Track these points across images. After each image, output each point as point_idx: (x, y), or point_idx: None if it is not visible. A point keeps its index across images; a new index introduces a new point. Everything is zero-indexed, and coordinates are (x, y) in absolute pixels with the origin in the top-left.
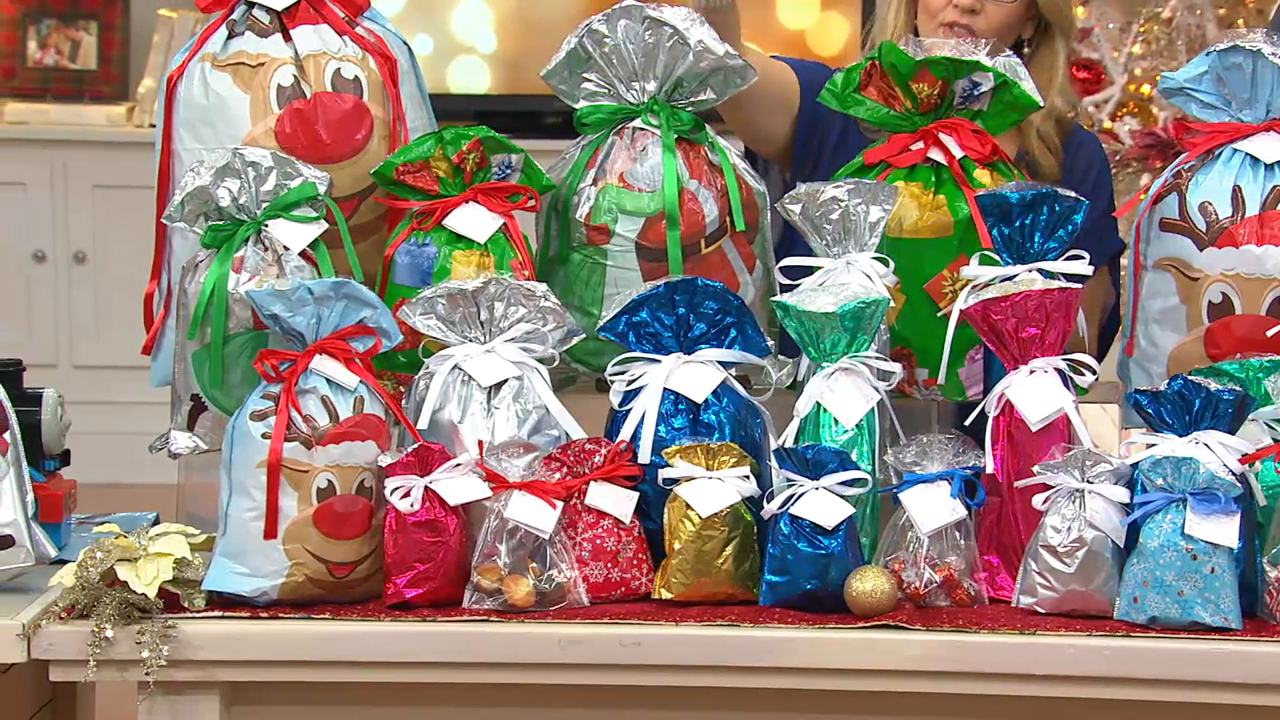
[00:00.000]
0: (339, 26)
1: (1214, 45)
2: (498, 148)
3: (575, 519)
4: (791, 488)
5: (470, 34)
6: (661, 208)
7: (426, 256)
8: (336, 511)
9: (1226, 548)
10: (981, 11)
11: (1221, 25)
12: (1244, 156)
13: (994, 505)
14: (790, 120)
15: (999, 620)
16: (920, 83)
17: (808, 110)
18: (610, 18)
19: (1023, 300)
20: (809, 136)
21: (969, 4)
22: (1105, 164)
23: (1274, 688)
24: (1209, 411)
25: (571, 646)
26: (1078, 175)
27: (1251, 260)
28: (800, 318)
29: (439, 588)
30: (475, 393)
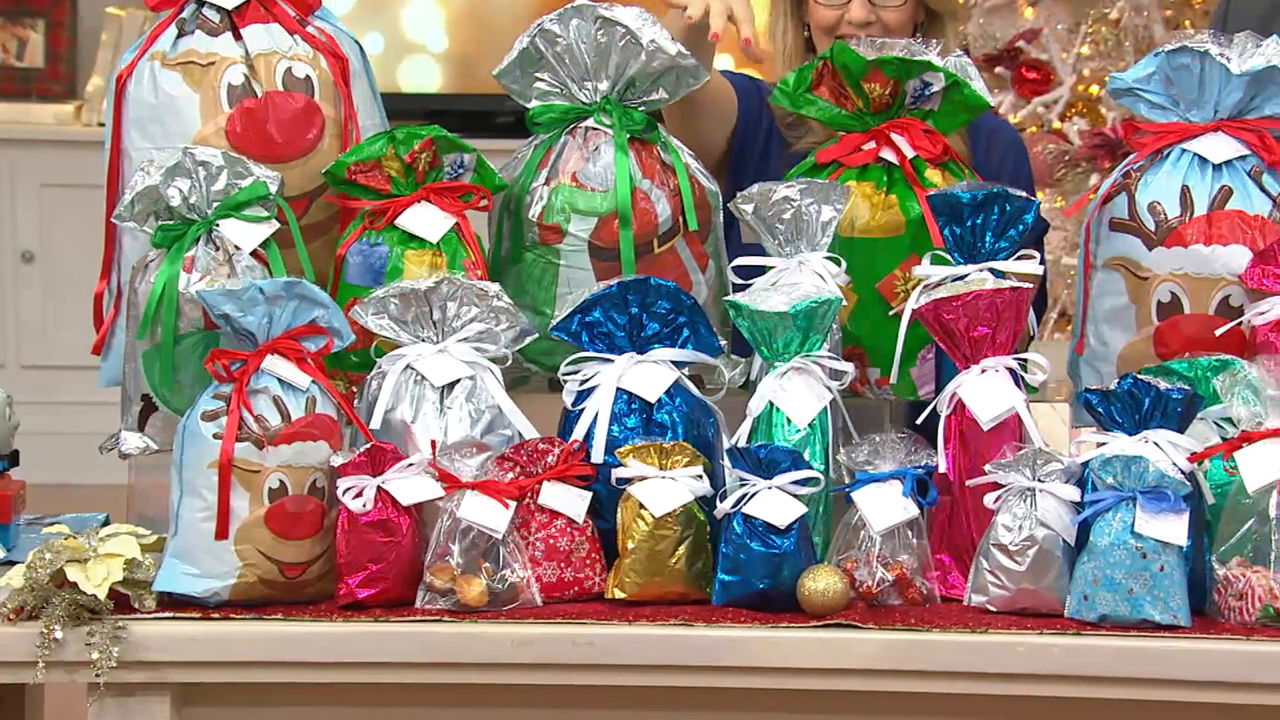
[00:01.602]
0: (290, 25)
1: (1162, 46)
2: (450, 147)
3: (528, 519)
4: (744, 487)
5: (421, 33)
6: (614, 207)
7: (378, 256)
8: (288, 512)
9: (1176, 546)
10: (876, 21)
11: (1168, 26)
12: (1192, 157)
13: (946, 504)
14: (728, 132)
15: (951, 619)
16: (872, 83)
17: (741, 121)
18: (562, 17)
19: (974, 300)
20: (741, 149)
21: (862, 17)
22: (1021, 147)
23: (1222, 685)
24: (1158, 410)
25: (524, 646)
26: (995, 163)
27: (1200, 260)
28: (753, 317)
29: (391, 588)
30: (428, 392)
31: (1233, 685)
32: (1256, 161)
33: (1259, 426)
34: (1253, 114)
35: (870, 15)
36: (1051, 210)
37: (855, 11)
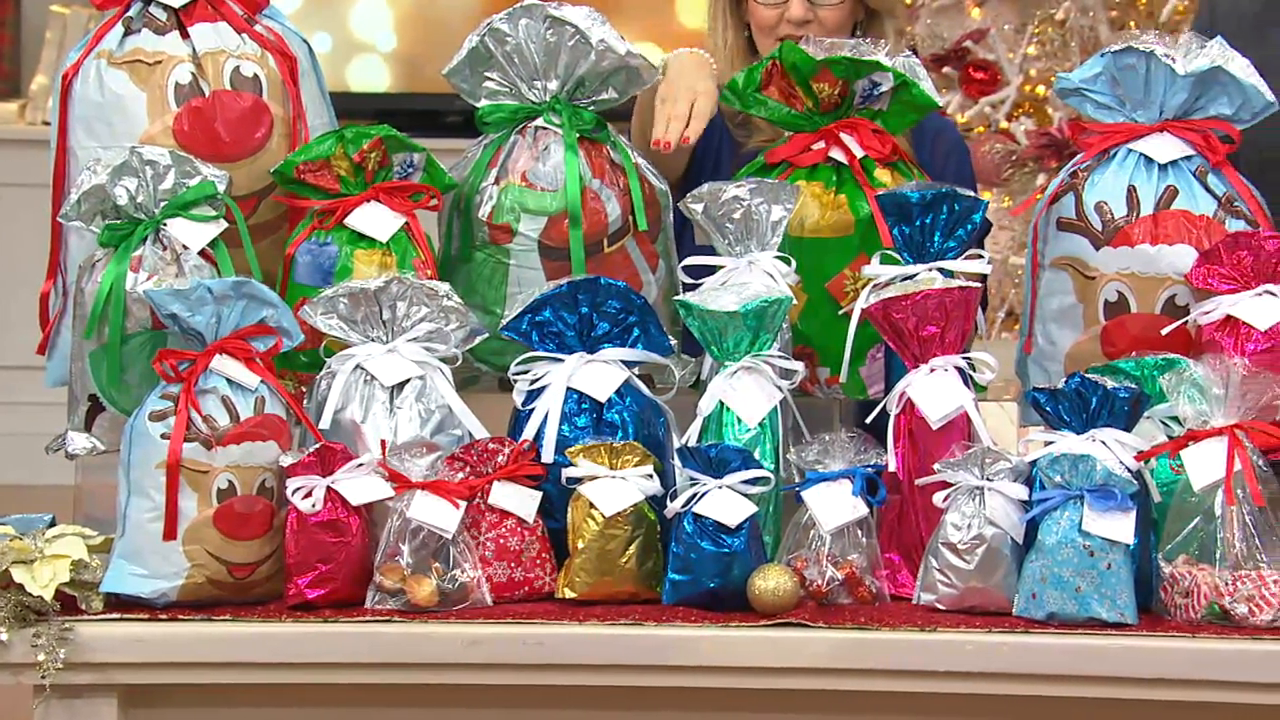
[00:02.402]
0: (237, 24)
1: (1108, 46)
2: (399, 147)
3: (478, 519)
4: (694, 486)
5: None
6: (564, 207)
7: (328, 256)
8: (237, 512)
9: (1123, 544)
10: (815, 19)
11: (1114, 27)
12: (1138, 157)
13: (895, 503)
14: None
15: (900, 617)
16: (821, 82)
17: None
18: (512, 16)
19: (923, 299)
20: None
21: (800, 15)
22: (963, 148)
23: (1168, 682)
24: (1106, 409)
25: (474, 646)
26: (938, 163)
27: (1146, 259)
28: (703, 317)
29: (341, 588)
30: (377, 392)
31: (1179, 683)
32: (1201, 162)
33: (1204, 425)
34: (1198, 114)
35: (809, 14)
36: (999, 210)
37: (794, 10)
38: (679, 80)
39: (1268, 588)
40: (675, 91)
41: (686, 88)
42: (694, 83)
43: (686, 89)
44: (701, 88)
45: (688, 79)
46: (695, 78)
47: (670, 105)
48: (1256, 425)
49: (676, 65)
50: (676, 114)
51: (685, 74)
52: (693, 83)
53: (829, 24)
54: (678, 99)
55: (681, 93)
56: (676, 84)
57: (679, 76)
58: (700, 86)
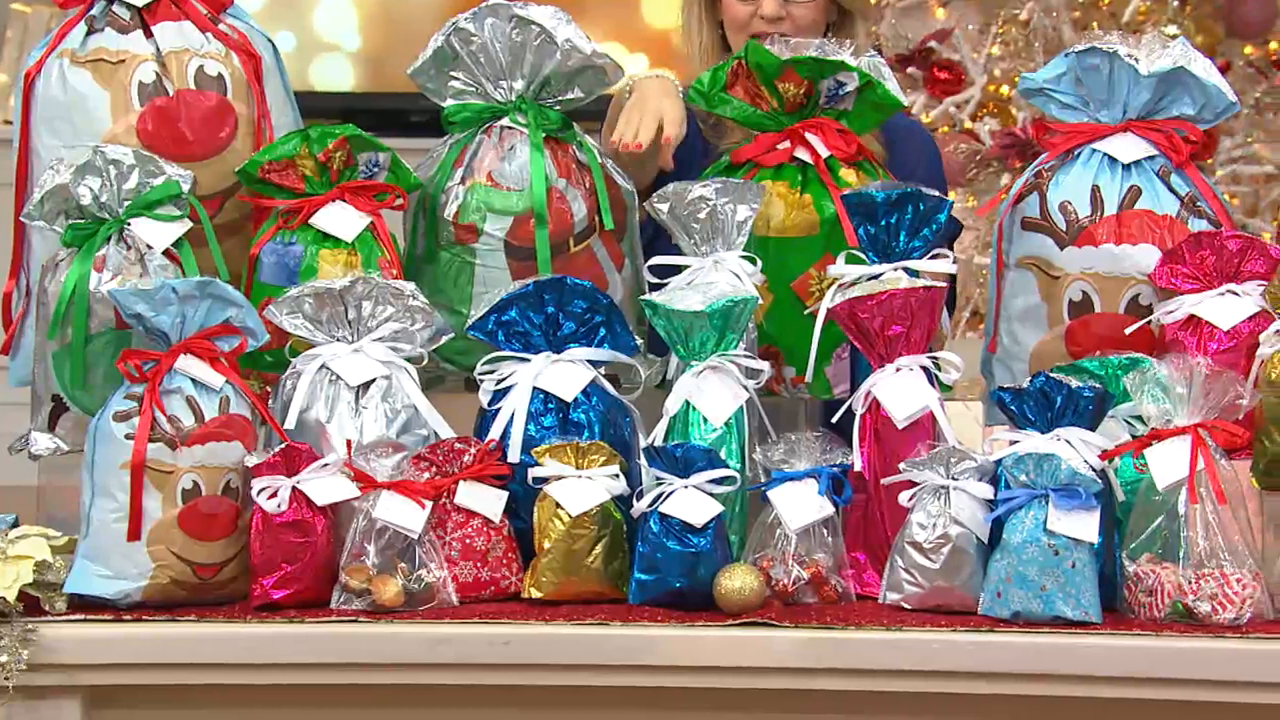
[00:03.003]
0: (201, 23)
1: (1071, 47)
2: (364, 146)
3: (444, 518)
4: (661, 486)
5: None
6: (530, 206)
7: (293, 255)
8: (201, 512)
9: (1087, 543)
10: (787, 16)
11: (1077, 28)
12: (1102, 156)
13: (861, 502)
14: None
15: (866, 617)
16: (786, 82)
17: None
18: (477, 16)
19: (888, 299)
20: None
21: (774, 12)
22: (934, 149)
23: (1133, 680)
24: (1070, 408)
25: (440, 646)
26: (910, 165)
27: (1110, 259)
28: (669, 316)
29: (306, 589)
30: (343, 392)
31: (1143, 681)
32: (1165, 162)
33: (1168, 424)
34: (1161, 114)
35: (781, 11)
36: (964, 210)
37: (767, 7)
38: (646, 99)
39: (1230, 586)
40: (644, 106)
41: (654, 106)
42: (660, 102)
43: (654, 107)
44: (667, 105)
45: (654, 100)
46: (661, 97)
47: (636, 113)
48: (1219, 424)
49: (643, 87)
50: (645, 123)
51: (652, 95)
52: (659, 102)
53: (801, 22)
54: (645, 112)
55: (649, 108)
56: (644, 102)
57: (645, 97)
58: (666, 105)
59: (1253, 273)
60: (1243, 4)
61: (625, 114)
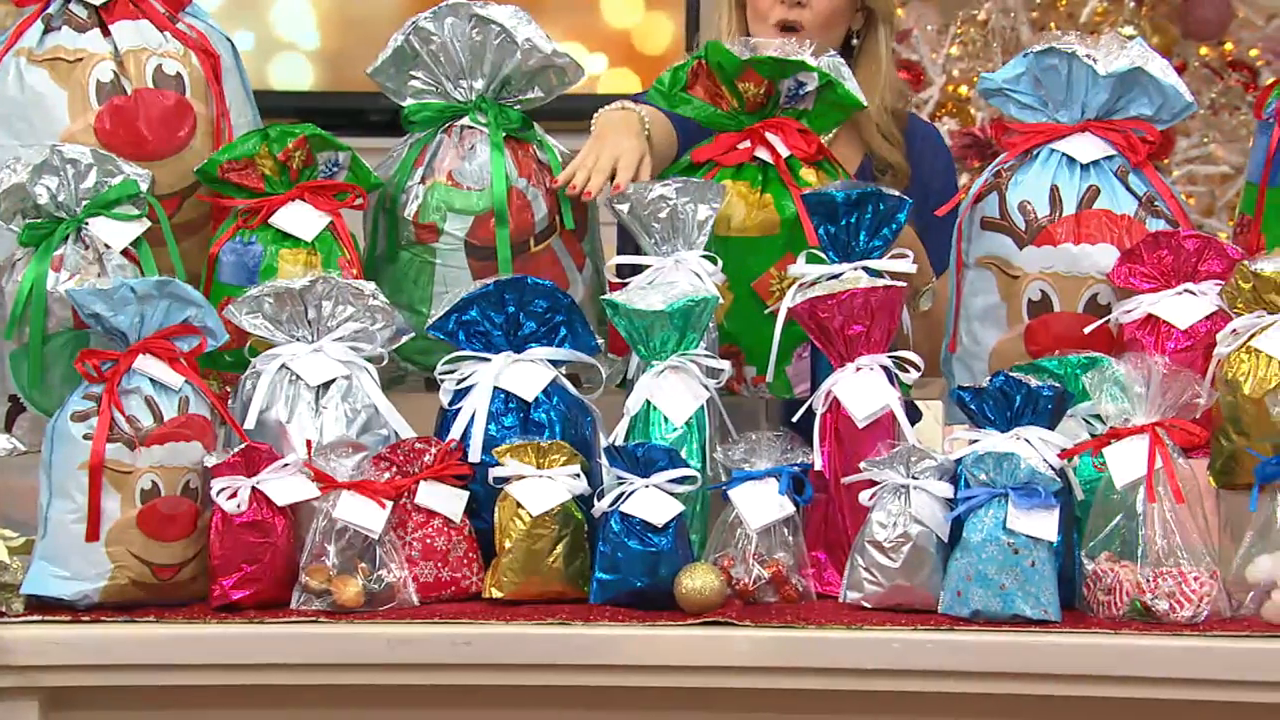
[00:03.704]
0: (159, 22)
1: (1030, 47)
2: (324, 145)
3: (405, 518)
4: (622, 486)
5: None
6: (490, 206)
7: (252, 255)
8: (161, 513)
9: (1046, 541)
10: (809, 4)
11: (1035, 28)
12: (1061, 156)
13: (821, 502)
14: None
15: (826, 616)
16: (746, 82)
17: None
18: (437, 15)
19: (848, 298)
20: None
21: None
22: (949, 153)
23: (1091, 678)
24: (1029, 407)
25: (401, 646)
26: (926, 169)
27: (1069, 259)
28: (630, 316)
29: (266, 589)
30: (303, 392)
31: (1101, 679)
32: (1123, 162)
33: (1126, 423)
34: (1119, 115)
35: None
36: None
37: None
38: (603, 138)
39: (1188, 584)
40: (601, 144)
41: (611, 147)
42: (618, 142)
43: (610, 148)
44: (626, 147)
45: (611, 139)
46: (622, 135)
47: (591, 155)
48: (1177, 423)
49: (602, 124)
50: (599, 166)
51: (610, 133)
52: (617, 142)
53: (821, 12)
54: (600, 153)
55: (605, 148)
56: (600, 141)
57: (602, 136)
58: (625, 146)
59: (1210, 272)
60: (1198, 5)
61: (581, 154)
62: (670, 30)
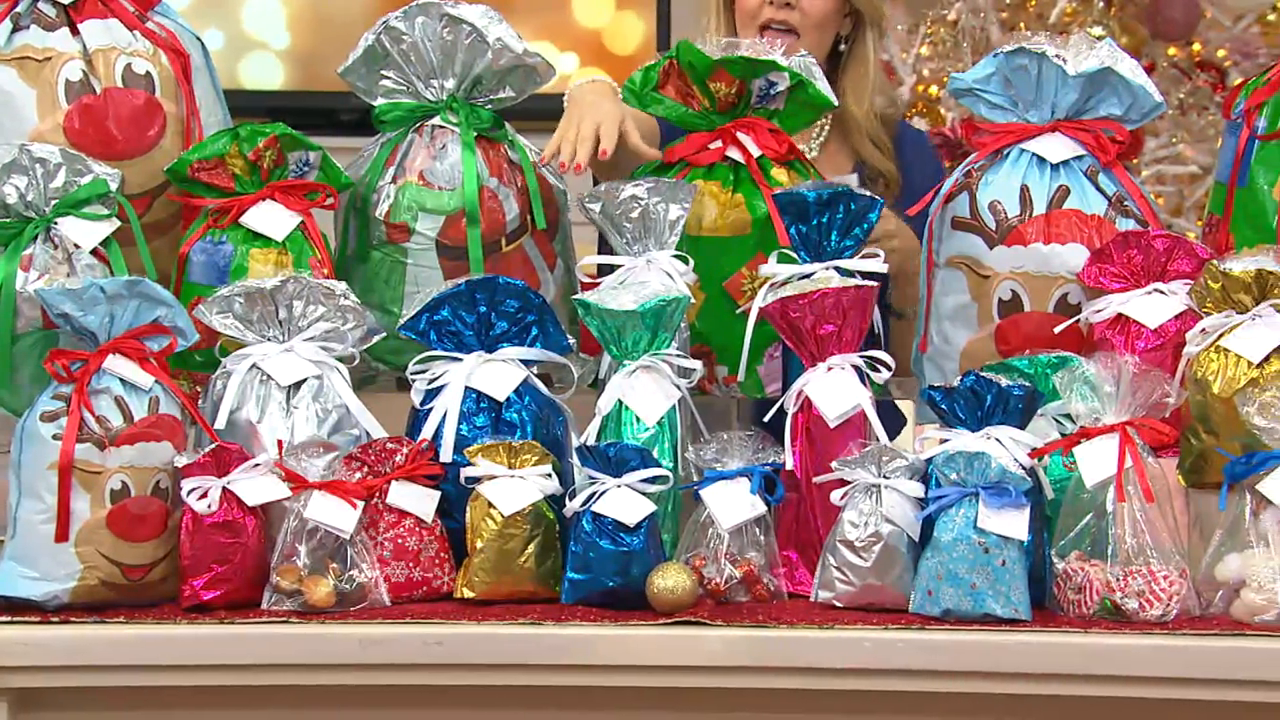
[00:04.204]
0: (129, 21)
1: (1000, 47)
2: (295, 145)
3: (376, 518)
4: (593, 485)
5: (262, 29)
6: (461, 206)
7: (223, 255)
8: (131, 513)
9: (1017, 541)
10: (797, 6)
11: (1004, 28)
12: (1031, 156)
13: (793, 501)
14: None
15: (798, 615)
16: (717, 82)
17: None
18: (408, 14)
19: (820, 298)
20: None
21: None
22: (939, 160)
23: (1061, 677)
24: (1000, 407)
25: (372, 647)
26: (917, 176)
27: (1039, 258)
28: (601, 315)
29: (237, 589)
30: (274, 392)
31: (1071, 677)
32: (1092, 161)
33: (1096, 422)
34: (1088, 115)
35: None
36: None
37: None
38: (581, 107)
39: (1158, 583)
40: (579, 113)
41: (591, 116)
42: (596, 109)
43: (591, 117)
44: (605, 110)
45: (589, 108)
46: (596, 102)
47: (571, 127)
48: (1147, 422)
49: (576, 96)
50: (582, 136)
51: (586, 102)
52: (595, 110)
53: (811, 13)
54: (581, 122)
55: (586, 118)
56: (578, 112)
57: (579, 105)
58: (603, 110)
59: (1179, 272)
60: (1166, 6)
61: (560, 128)
62: (641, 30)
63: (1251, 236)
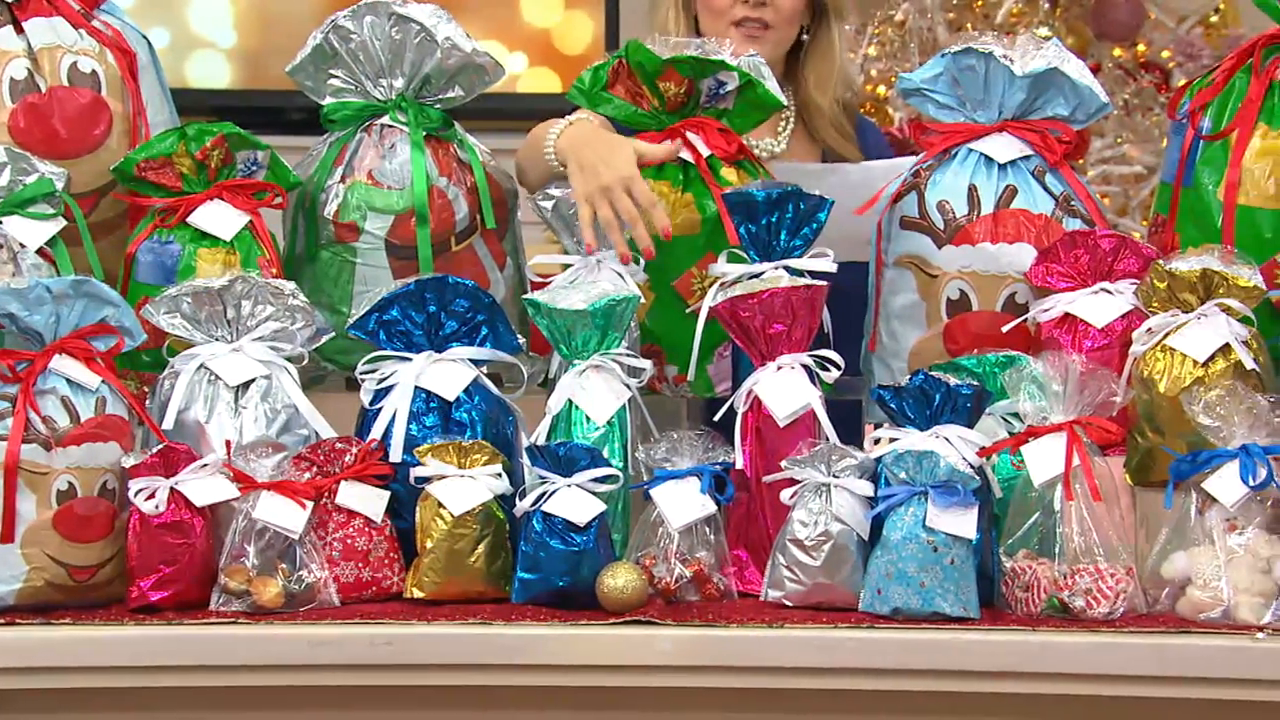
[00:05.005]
0: (74, 19)
1: (948, 47)
2: (242, 144)
3: (325, 519)
4: (543, 485)
5: (209, 28)
6: (411, 205)
7: (170, 254)
8: (77, 514)
9: (965, 539)
10: (770, 3)
11: (951, 29)
12: (979, 156)
13: (743, 500)
14: None
15: (748, 614)
16: (667, 81)
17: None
18: (356, 13)
19: (769, 297)
20: None
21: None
22: (890, 148)
23: (1009, 675)
24: (948, 406)
25: (321, 647)
26: (875, 158)
27: (987, 258)
28: (551, 315)
29: (185, 590)
30: (222, 392)
31: (1019, 675)
32: (1040, 161)
33: (1044, 421)
34: (1035, 115)
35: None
36: None
37: None
38: (596, 162)
39: (1104, 581)
40: (597, 178)
41: (607, 169)
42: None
43: (612, 174)
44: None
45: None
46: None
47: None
48: (1094, 421)
49: (578, 141)
50: (624, 211)
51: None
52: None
53: (785, 10)
54: (609, 190)
55: (612, 180)
56: (593, 169)
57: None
58: (618, 161)
59: (1126, 271)
60: (1111, 7)
61: (584, 198)
62: (590, 29)
63: (1196, 236)
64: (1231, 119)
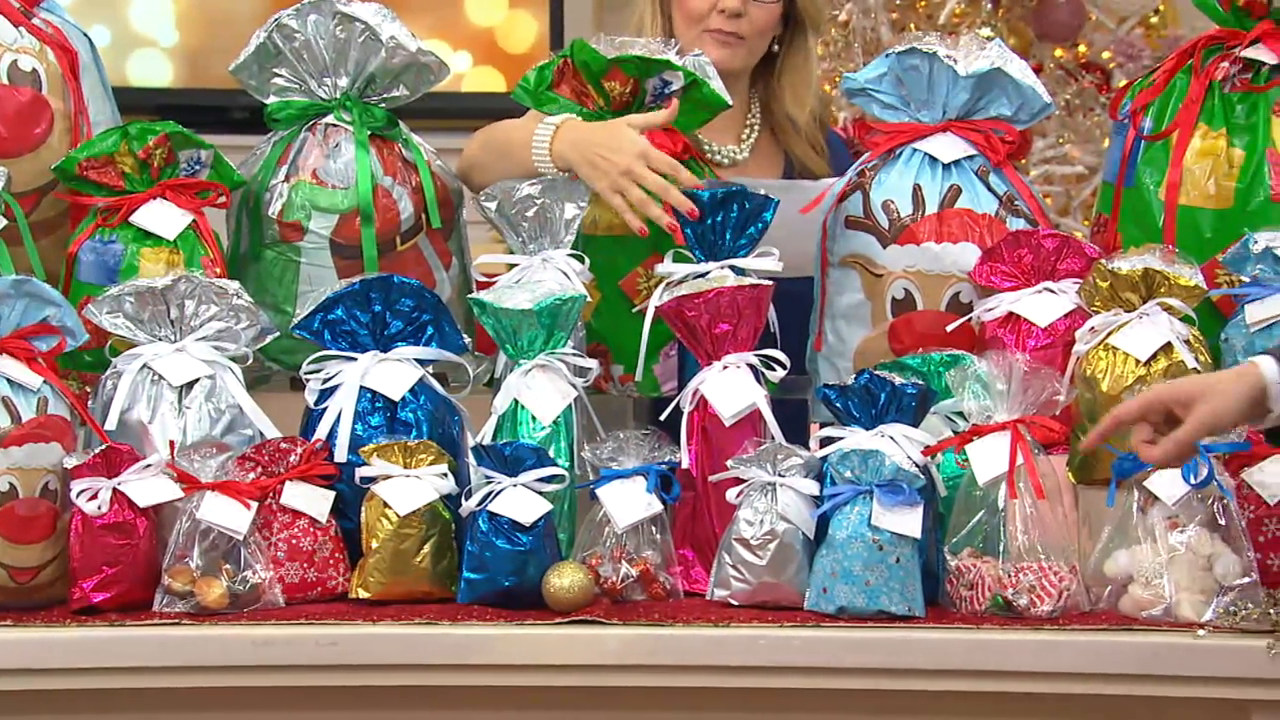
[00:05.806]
0: (14, 17)
1: (892, 47)
2: (186, 143)
3: (270, 519)
4: (489, 485)
5: (150, 26)
6: (355, 204)
7: (113, 254)
8: (18, 515)
9: (910, 538)
10: (745, 15)
11: (895, 29)
12: (923, 156)
13: (689, 500)
14: None
15: (694, 613)
16: (612, 81)
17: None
18: (300, 12)
19: (715, 297)
20: None
21: (735, 8)
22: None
23: (955, 673)
24: (893, 405)
25: (266, 648)
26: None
27: (931, 257)
28: (497, 314)
29: (128, 591)
30: (165, 392)
31: (964, 673)
32: (983, 161)
33: (988, 420)
34: (979, 115)
35: (742, 7)
36: None
37: (729, 0)
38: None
39: (1048, 579)
40: (617, 166)
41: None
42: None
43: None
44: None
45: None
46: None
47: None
48: (1037, 420)
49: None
50: (656, 185)
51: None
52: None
53: (758, 22)
54: (631, 169)
55: (628, 161)
56: (608, 157)
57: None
58: (625, 140)
59: (1069, 271)
60: (1052, 8)
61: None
62: (534, 28)
63: (1139, 236)
64: (1172, 119)
